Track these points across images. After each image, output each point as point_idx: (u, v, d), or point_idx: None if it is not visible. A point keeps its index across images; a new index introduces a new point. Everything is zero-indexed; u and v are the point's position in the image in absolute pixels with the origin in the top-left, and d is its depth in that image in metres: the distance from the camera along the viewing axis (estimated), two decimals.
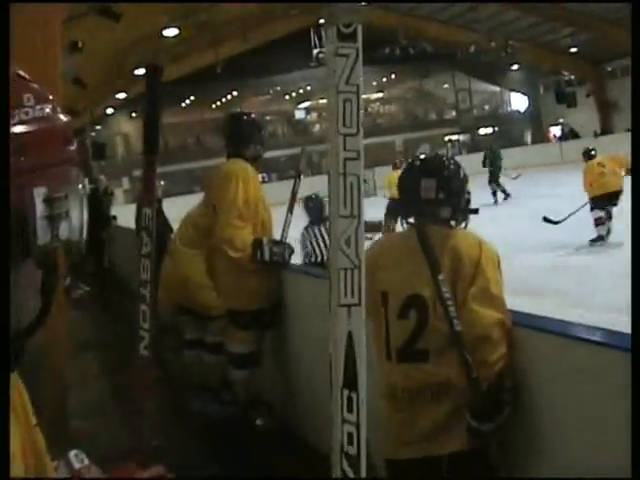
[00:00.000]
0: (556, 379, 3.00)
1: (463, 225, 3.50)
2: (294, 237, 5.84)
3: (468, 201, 3.51)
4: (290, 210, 5.89)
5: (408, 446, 3.22)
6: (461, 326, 3.07)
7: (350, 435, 1.40)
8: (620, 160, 13.96)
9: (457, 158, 3.79)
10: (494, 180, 25.10)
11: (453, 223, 3.44)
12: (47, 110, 1.01)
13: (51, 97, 1.04)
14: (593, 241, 13.69)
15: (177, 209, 9.54)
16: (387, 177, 18.12)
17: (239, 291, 5.69)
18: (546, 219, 14.61)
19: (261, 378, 5.84)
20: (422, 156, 3.72)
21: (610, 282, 9.91)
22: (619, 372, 2.55)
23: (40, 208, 0.96)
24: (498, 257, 3.30)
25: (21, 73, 1.02)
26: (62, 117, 1.05)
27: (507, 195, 24.86)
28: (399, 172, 3.89)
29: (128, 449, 5.59)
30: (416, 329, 3.19)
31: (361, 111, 1.35)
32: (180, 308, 6.95)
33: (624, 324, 3.20)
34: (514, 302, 3.34)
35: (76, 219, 1.04)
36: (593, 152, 15.24)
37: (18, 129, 0.95)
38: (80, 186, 1.05)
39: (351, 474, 1.40)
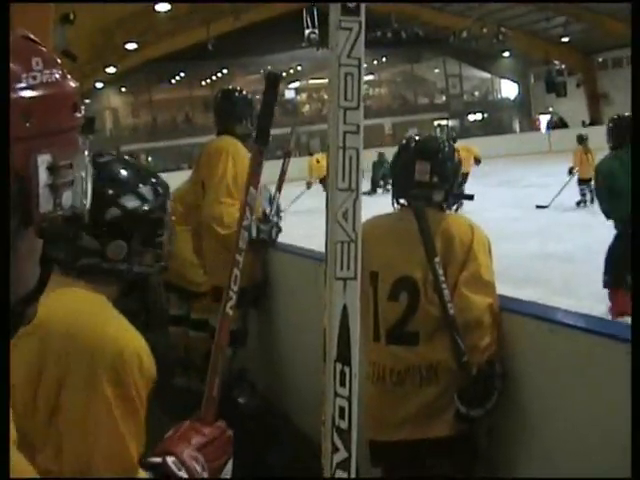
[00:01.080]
0: (544, 365, 3.00)
1: (454, 209, 3.53)
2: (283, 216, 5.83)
3: (461, 185, 3.53)
4: (279, 189, 5.88)
5: (394, 428, 3.22)
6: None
7: (342, 409, 1.40)
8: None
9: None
10: None
11: (445, 206, 3.43)
12: (56, 75, 0.98)
13: (59, 61, 1.02)
14: None
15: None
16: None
17: (225, 268, 5.67)
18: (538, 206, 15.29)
19: (245, 356, 5.84)
20: (417, 137, 3.67)
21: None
22: (606, 358, 2.56)
23: (44, 176, 0.94)
24: (489, 242, 3.30)
25: (30, 36, 0.99)
26: (71, 83, 1.02)
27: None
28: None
29: None
30: (406, 311, 3.19)
31: (362, 85, 1.35)
32: (166, 284, 6.94)
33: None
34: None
35: (80, 188, 1.02)
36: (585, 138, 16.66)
37: (25, 93, 0.92)
38: (85, 154, 1.03)
39: (342, 447, 1.40)
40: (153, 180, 2.31)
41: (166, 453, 1.78)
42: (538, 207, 15.97)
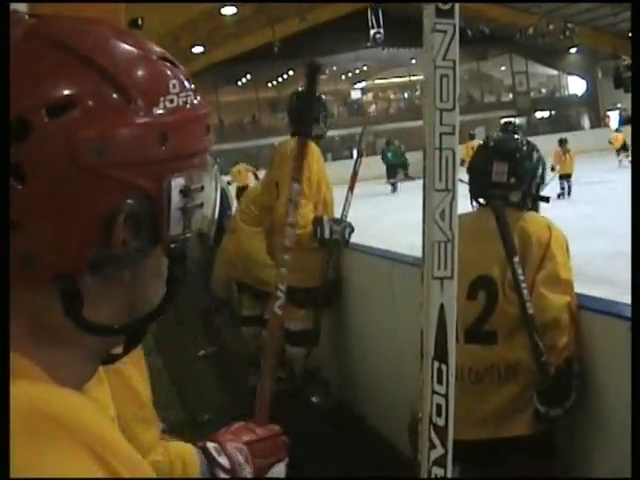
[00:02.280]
0: (621, 364, 2.96)
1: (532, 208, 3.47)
2: (354, 216, 5.85)
3: (539, 186, 3.47)
4: (351, 189, 5.90)
5: (473, 428, 3.20)
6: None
7: (439, 406, 1.42)
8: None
9: None
10: None
11: (523, 206, 3.41)
12: (191, 97, 0.99)
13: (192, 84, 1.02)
14: None
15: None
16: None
17: (297, 268, 5.71)
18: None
19: (319, 356, 5.88)
20: (495, 136, 3.68)
21: None
22: None
23: (177, 199, 0.94)
24: (566, 241, 3.27)
25: (168, 56, 1.00)
26: (203, 105, 1.02)
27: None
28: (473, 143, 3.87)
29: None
30: (485, 310, 3.18)
31: (457, 87, 1.37)
32: (239, 285, 7.02)
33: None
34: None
35: (209, 210, 1.03)
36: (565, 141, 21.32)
37: (163, 118, 0.93)
38: (214, 175, 1.04)
39: (438, 444, 1.42)
40: None
41: (212, 441, 1.82)
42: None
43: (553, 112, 51.31)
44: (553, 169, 19.41)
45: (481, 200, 3.44)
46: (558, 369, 3.02)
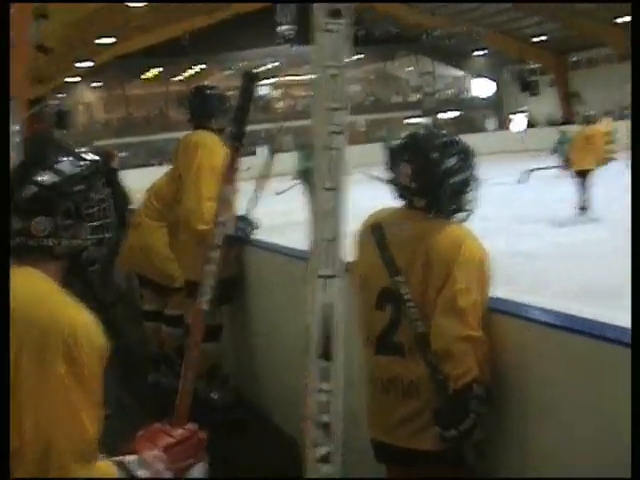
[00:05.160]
0: (535, 366, 2.93)
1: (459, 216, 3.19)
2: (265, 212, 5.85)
3: (458, 193, 3.15)
4: (259, 187, 5.91)
5: (385, 431, 3.18)
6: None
7: (324, 404, 1.42)
8: None
9: None
10: None
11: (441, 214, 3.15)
12: None
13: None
14: None
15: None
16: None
17: (199, 263, 5.68)
18: None
19: (219, 352, 5.85)
20: (411, 134, 3.36)
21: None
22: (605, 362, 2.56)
23: None
24: (481, 258, 3.01)
25: None
26: None
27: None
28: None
29: None
30: (392, 322, 3.06)
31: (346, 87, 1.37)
32: (140, 279, 6.96)
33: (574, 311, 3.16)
34: None
35: None
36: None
37: None
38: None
39: (324, 441, 1.43)
40: (74, 155, 2.35)
41: (131, 453, 1.81)
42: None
43: (458, 113, 51.93)
44: None
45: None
46: (454, 392, 2.88)
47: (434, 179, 3.10)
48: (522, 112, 48.21)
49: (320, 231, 1.33)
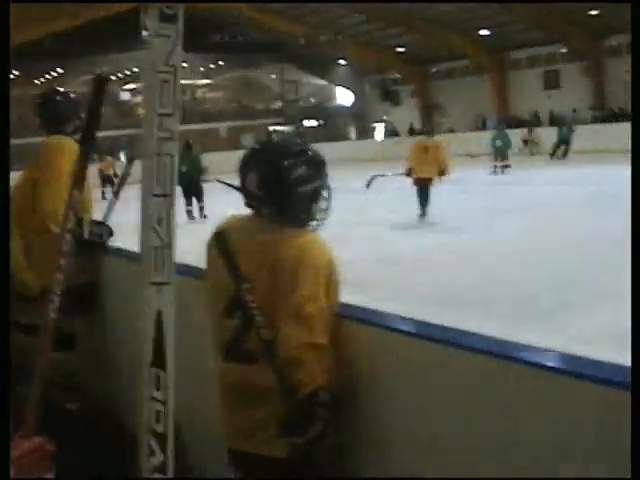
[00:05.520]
0: (392, 376, 2.95)
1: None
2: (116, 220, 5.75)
3: (307, 202, 3.13)
4: (116, 193, 5.82)
5: (236, 439, 3.16)
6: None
7: (158, 413, 1.41)
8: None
9: None
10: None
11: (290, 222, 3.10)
12: None
13: None
14: None
15: None
16: None
17: (51, 269, 5.56)
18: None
19: (74, 361, 5.73)
20: (261, 142, 3.41)
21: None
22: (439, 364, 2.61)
23: None
24: (328, 264, 3.01)
25: None
26: None
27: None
28: None
29: None
30: (240, 330, 3.01)
31: (178, 95, 1.36)
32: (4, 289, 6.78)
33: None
34: None
35: None
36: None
37: None
38: None
39: (158, 451, 1.41)
40: None
41: None
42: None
43: (322, 121, 52.44)
44: None
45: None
46: (301, 399, 2.82)
47: (281, 187, 3.06)
48: (382, 121, 49.02)
49: (149, 238, 1.32)
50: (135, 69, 47.30)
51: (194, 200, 19.80)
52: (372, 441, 3.08)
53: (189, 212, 19.54)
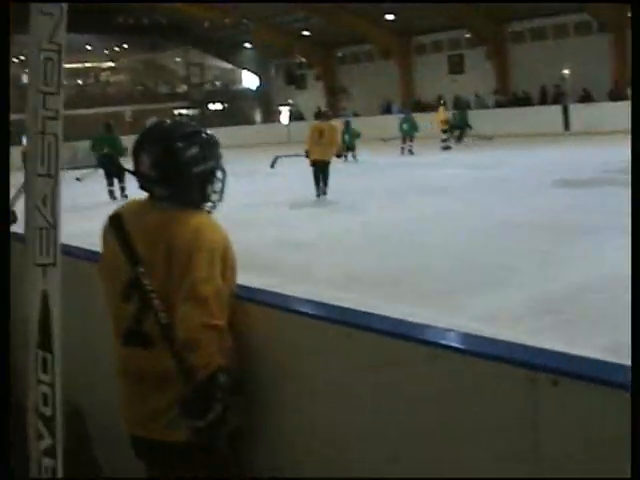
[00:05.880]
0: (295, 357, 2.94)
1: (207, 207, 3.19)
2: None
3: (202, 183, 3.15)
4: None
5: (139, 425, 3.12)
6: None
7: (45, 396, 1.38)
8: None
9: None
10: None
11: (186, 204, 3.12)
12: None
13: None
14: None
15: None
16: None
17: None
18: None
19: None
20: (153, 123, 3.32)
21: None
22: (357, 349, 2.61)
23: None
24: (223, 246, 3.02)
25: None
26: None
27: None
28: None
29: None
30: (137, 314, 2.99)
31: (62, 72, 1.34)
32: None
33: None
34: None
35: None
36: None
37: None
38: None
39: (47, 434, 1.39)
40: None
41: None
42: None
43: (227, 105, 52.14)
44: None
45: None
46: (199, 382, 2.82)
47: (173, 169, 3.06)
48: (288, 105, 48.92)
49: (34, 219, 1.30)
50: None
51: (115, 181, 20.03)
52: (270, 425, 3.08)
53: (111, 192, 19.98)
